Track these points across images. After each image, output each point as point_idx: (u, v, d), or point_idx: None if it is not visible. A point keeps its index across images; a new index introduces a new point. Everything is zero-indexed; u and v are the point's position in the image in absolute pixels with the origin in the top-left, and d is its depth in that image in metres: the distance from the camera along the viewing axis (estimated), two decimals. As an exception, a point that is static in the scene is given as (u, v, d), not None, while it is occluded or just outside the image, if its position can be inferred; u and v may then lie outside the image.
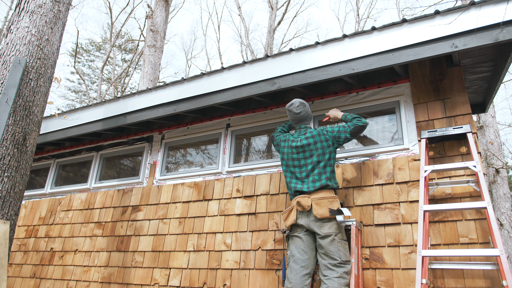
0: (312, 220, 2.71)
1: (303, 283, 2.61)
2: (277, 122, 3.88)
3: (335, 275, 2.52)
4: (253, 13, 35.61)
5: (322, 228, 2.66)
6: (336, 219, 2.67)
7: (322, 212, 2.67)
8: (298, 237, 2.77)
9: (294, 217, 2.80)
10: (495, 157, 9.25)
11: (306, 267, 2.67)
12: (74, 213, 4.80)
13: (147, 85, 9.17)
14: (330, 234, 2.64)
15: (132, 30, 39.15)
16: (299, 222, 2.77)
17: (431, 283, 2.62)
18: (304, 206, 2.74)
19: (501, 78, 3.38)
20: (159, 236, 3.98)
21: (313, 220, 2.71)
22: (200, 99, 3.80)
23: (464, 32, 2.67)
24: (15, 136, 3.06)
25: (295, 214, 2.80)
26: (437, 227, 2.75)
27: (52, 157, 5.55)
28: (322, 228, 2.66)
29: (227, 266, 3.46)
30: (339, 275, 2.52)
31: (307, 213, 2.75)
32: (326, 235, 2.64)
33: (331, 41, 3.21)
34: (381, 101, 3.38)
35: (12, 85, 3.05)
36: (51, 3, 3.56)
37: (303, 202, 2.75)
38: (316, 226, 2.68)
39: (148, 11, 10.15)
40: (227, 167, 3.93)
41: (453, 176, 2.86)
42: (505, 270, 2.14)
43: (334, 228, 2.66)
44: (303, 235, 2.75)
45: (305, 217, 2.75)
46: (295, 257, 2.72)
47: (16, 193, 3.01)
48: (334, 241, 2.63)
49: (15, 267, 4.90)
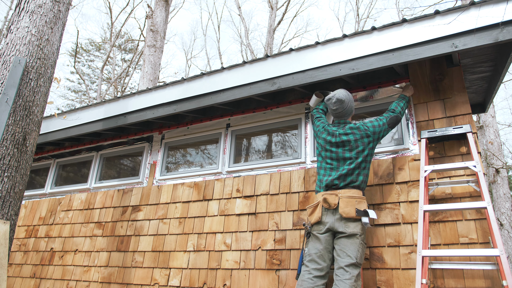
0: (337, 218, 2.63)
1: (315, 284, 2.55)
2: (277, 122, 3.88)
3: (347, 277, 2.45)
4: (253, 13, 35.66)
5: (347, 228, 2.58)
6: (362, 220, 2.60)
7: (348, 211, 2.60)
8: (318, 238, 2.69)
9: (319, 214, 2.71)
10: (495, 157, 9.25)
11: (320, 270, 2.60)
12: (74, 213, 4.80)
13: (147, 85, 9.17)
14: (356, 233, 2.57)
15: (132, 30, 39.19)
16: (323, 220, 2.68)
17: (431, 283, 2.62)
18: (330, 204, 2.66)
19: (501, 78, 3.39)
20: (159, 236, 3.98)
21: (338, 218, 2.63)
22: (200, 99, 3.80)
23: (464, 32, 2.67)
24: (15, 136, 3.06)
25: (320, 211, 2.71)
26: (437, 227, 2.75)
27: (52, 157, 5.55)
28: (347, 228, 2.58)
29: (227, 266, 3.46)
30: (350, 277, 2.45)
31: (333, 211, 2.67)
32: (351, 234, 2.56)
33: (331, 41, 3.21)
34: (381, 101, 3.38)
35: (12, 85, 3.05)
36: (51, 3, 3.56)
37: (330, 200, 2.68)
38: (340, 225, 2.60)
39: (148, 11, 10.15)
40: (227, 167, 3.93)
41: (453, 176, 2.85)
42: (505, 270, 2.14)
43: (359, 228, 2.59)
44: (323, 237, 2.67)
45: (330, 215, 2.67)
46: (312, 257, 2.66)
47: (16, 193, 3.01)
48: (357, 241, 2.56)
49: (15, 267, 4.90)
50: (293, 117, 3.77)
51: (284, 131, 3.92)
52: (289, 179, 3.50)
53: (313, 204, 2.80)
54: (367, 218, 2.59)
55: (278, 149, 3.90)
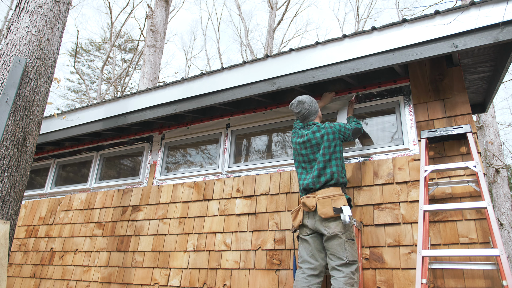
0: (317, 220, 2.68)
1: (309, 283, 2.59)
2: (277, 122, 3.88)
3: (341, 275, 2.50)
4: (253, 13, 35.61)
5: (328, 228, 2.60)
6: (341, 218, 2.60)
7: (326, 211, 2.62)
8: (305, 240, 2.75)
9: (300, 217, 2.78)
10: (495, 157, 9.25)
11: (314, 269, 2.64)
12: (74, 213, 4.80)
13: (147, 85, 9.17)
14: (337, 233, 2.57)
15: (132, 30, 39.17)
16: (305, 223, 2.75)
17: (431, 283, 2.62)
18: (309, 207, 2.71)
19: (501, 78, 3.38)
20: (159, 236, 3.98)
21: (319, 220, 2.67)
22: (200, 99, 3.80)
23: (464, 32, 2.67)
24: (15, 136, 3.06)
25: (302, 215, 2.78)
26: (437, 227, 2.75)
27: (52, 157, 5.55)
28: (328, 228, 2.60)
29: (227, 266, 3.46)
30: (345, 274, 2.49)
31: (313, 213, 2.72)
32: (333, 235, 2.58)
33: (331, 41, 3.21)
34: (381, 101, 3.38)
35: (12, 85, 3.05)
36: (51, 3, 3.56)
37: (308, 203, 2.73)
38: (322, 226, 2.64)
39: (148, 11, 10.15)
40: (227, 167, 3.93)
41: (453, 176, 2.86)
42: (505, 270, 2.14)
43: (340, 227, 2.58)
44: (310, 238, 2.72)
45: (311, 218, 2.73)
46: (303, 258, 2.71)
47: (16, 193, 3.01)
48: (340, 240, 2.56)
49: (15, 267, 4.90)
50: (293, 117, 3.77)
51: (284, 131, 3.92)
52: (289, 179, 3.50)
53: (296, 209, 2.88)
54: (347, 216, 2.56)
55: (278, 149, 3.90)
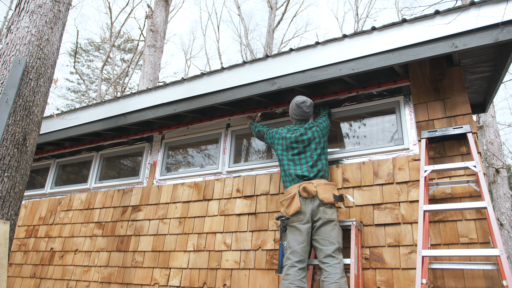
0: (316, 205, 2.79)
1: (300, 276, 2.67)
2: (277, 122, 3.88)
3: (336, 262, 2.61)
4: (253, 13, 35.52)
5: (325, 214, 2.77)
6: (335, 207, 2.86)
7: (328, 197, 2.79)
8: (298, 229, 2.80)
9: (298, 204, 2.83)
10: (495, 157, 9.26)
11: (303, 261, 2.74)
12: (74, 213, 4.80)
13: (147, 85, 9.17)
14: (333, 219, 2.78)
15: (131, 30, 39.13)
16: (303, 209, 2.81)
17: (431, 283, 2.62)
18: (310, 191, 2.82)
19: (501, 78, 3.39)
20: (159, 236, 3.98)
21: (318, 205, 2.79)
22: (200, 99, 3.80)
23: (464, 32, 2.67)
24: (15, 136, 3.06)
25: (299, 201, 2.84)
26: (437, 227, 2.75)
27: (52, 157, 5.55)
28: (325, 214, 2.77)
29: (227, 266, 3.46)
30: (339, 261, 2.63)
31: (311, 199, 2.82)
32: (329, 220, 2.76)
33: (331, 41, 3.21)
34: (381, 101, 3.38)
35: (12, 85, 3.05)
36: (51, 3, 3.56)
37: (309, 188, 2.83)
38: (320, 211, 2.77)
39: (148, 11, 10.15)
40: (227, 167, 3.93)
41: (453, 176, 2.86)
42: (505, 270, 2.15)
43: (335, 215, 2.81)
44: (304, 228, 2.79)
45: (309, 203, 2.82)
46: (293, 249, 2.76)
47: (16, 193, 3.01)
48: (335, 227, 2.76)
49: (15, 267, 4.90)
50: (293, 117, 3.77)
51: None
52: (289, 179, 3.50)
53: (289, 196, 2.91)
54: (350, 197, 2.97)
55: (278, 149, 3.89)
